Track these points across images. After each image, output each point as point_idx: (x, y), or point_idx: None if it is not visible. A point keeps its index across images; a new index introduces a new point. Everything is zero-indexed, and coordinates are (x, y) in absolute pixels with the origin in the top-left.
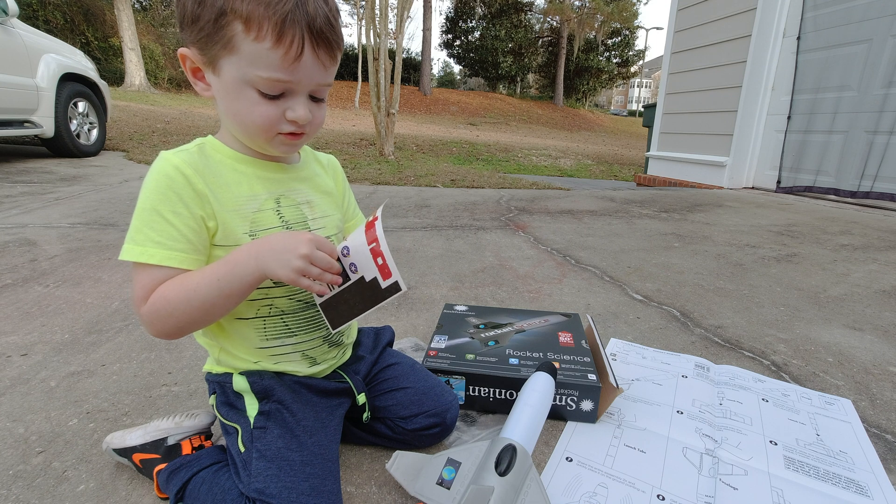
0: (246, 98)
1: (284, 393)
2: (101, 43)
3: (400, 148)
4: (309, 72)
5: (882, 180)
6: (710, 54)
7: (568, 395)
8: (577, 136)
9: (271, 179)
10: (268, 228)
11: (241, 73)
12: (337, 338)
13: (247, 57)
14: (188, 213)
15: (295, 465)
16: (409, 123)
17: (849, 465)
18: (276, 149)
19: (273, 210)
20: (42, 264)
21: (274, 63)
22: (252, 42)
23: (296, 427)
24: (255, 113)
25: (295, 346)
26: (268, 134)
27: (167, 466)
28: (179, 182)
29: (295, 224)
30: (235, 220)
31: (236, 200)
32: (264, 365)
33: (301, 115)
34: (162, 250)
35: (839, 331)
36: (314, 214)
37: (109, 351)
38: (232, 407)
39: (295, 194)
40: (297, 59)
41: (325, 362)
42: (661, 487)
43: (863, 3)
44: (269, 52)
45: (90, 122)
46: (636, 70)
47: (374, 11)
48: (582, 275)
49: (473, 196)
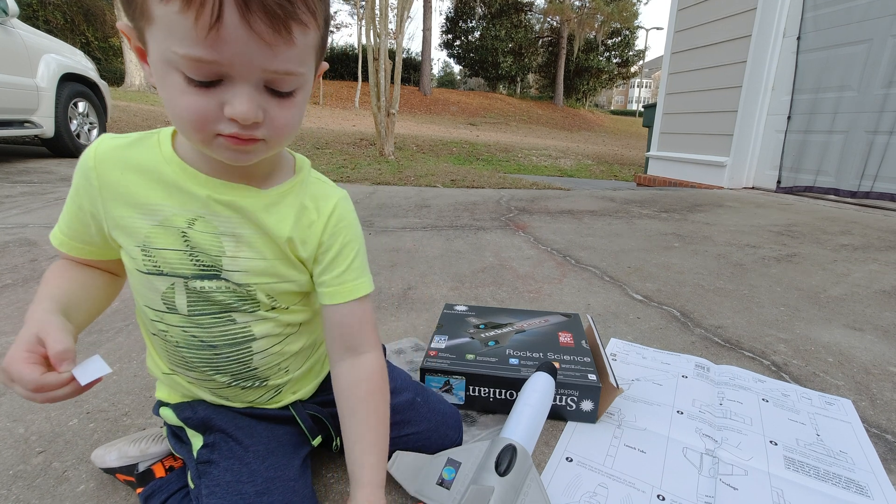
0: (171, 84)
1: (225, 421)
2: (101, 43)
3: (400, 148)
4: (241, 48)
5: (882, 180)
6: (710, 54)
7: (568, 395)
8: (577, 136)
9: (194, 196)
10: (162, 249)
11: (160, 49)
12: (251, 378)
13: (162, 27)
14: (76, 204)
15: (249, 497)
16: (409, 123)
17: (849, 465)
18: (218, 155)
19: (178, 231)
20: (42, 264)
21: (188, 34)
22: (160, 4)
23: (245, 455)
24: (180, 104)
25: (200, 382)
26: (201, 133)
27: (143, 491)
28: (85, 173)
29: (202, 254)
30: (129, 226)
31: (136, 207)
32: (175, 396)
33: (239, 111)
34: (59, 234)
35: (839, 331)
36: (235, 252)
37: (109, 351)
38: (178, 439)
39: (220, 222)
40: (213, 27)
41: (242, 402)
42: (662, 487)
43: (863, 3)
44: (178, 17)
45: (90, 123)
46: (636, 70)
47: (374, 11)
48: (582, 275)
49: (473, 196)
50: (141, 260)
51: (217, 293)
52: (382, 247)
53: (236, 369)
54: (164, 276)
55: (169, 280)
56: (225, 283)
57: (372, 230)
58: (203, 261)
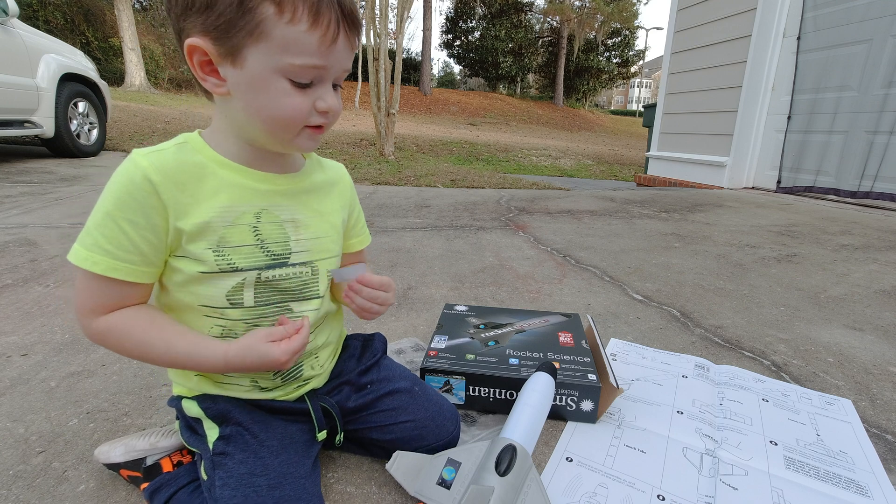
0: (275, 89)
1: (242, 414)
2: (102, 43)
3: (400, 148)
4: (341, 55)
5: (882, 180)
6: (710, 54)
7: (568, 396)
8: (577, 136)
9: (256, 191)
10: (237, 246)
11: (271, 61)
12: (289, 371)
13: (279, 43)
14: (146, 222)
15: (261, 490)
16: (409, 123)
17: (849, 465)
18: (299, 145)
19: (249, 226)
20: (42, 264)
21: (311, 48)
22: (286, 25)
23: (259, 449)
24: (285, 105)
25: (241, 375)
26: (295, 128)
27: (149, 486)
28: (143, 189)
29: (273, 244)
30: (201, 230)
31: (207, 212)
32: (206, 385)
33: (332, 103)
34: (109, 259)
35: (839, 331)
36: (298, 236)
37: (109, 351)
38: (193, 432)
39: (279, 210)
40: (333, 42)
41: (277, 390)
42: (662, 487)
43: (863, 3)
44: (306, 35)
45: (90, 123)
46: (636, 70)
47: (375, 11)
48: (582, 275)
49: (473, 196)
50: (213, 261)
51: (284, 281)
52: (382, 247)
53: None
54: (237, 272)
55: (241, 275)
56: (292, 270)
57: (372, 230)
58: (273, 250)
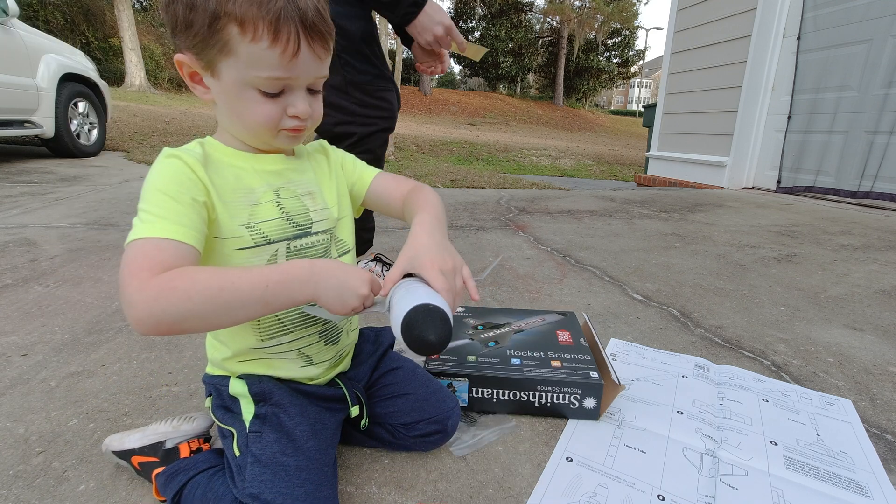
0: (247, 98)
1: (282, 396)
2: (102, 43)
3: (400, 148)
4: (306, 66)
5: (882, 180)
6: (710, 54)
7: (571, 394)
8: (577, 136)
9: (270, 172)
10: (266, 220)
11: (240, 74)
12: (334, 334)
13: (245, 59)
14: (190, 199)
15: (290, 470)
16: (409, 123)
17: (849, 465)
18: (280, 143)
19: (272, 202)
20: (42, 264)
21: (272, 62)
22: (249, 44)
23: (292, 431)
24: (257, 112)
25: (290, 343)
26: (272, 131)
27: (165, 470)
28: (184, 171)
29: (296, 216)
30: (233, 210)
31: (234, 193)
32: (254, 369)
33: (301, 109)
34: (170, 224)
35: (839, 331)
36: (316, 206)
37: (109, 351)
38: (228, 410)
39: (294, 186)
40: (294, 55)
41: (321, 364)
42: (662, 487)
43: (863, 3)
44: (267, 51)
45: (90, 123)
46: (636, 70)
47: None
48: (582, 275)
49: (473, 196)
50: (248, 236)
51: (310, 249)
52: (383, 247)
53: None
54: (271, 243)
55: (274, 247)
56: (315, 238)
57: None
58: (297, 221)
